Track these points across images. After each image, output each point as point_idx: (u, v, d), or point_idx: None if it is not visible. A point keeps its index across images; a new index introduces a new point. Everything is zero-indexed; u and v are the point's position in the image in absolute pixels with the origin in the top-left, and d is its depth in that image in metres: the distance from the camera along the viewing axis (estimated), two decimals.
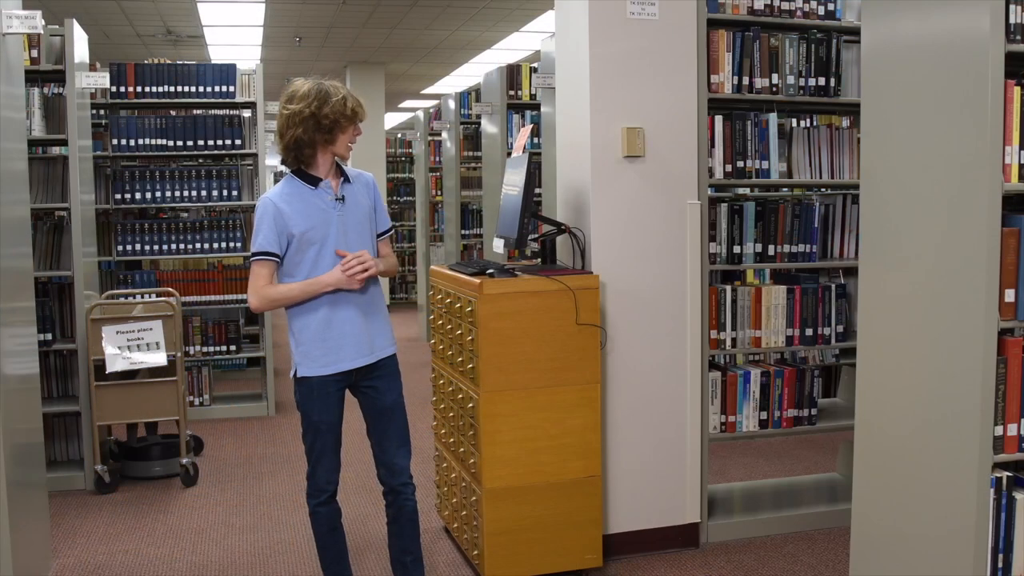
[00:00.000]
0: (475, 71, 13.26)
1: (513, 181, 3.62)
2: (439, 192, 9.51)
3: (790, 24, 3.90)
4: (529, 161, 3.49)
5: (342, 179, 3.02)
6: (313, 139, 2.92)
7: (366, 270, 2.92)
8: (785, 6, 3.87)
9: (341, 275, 2.91)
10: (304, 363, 2.99)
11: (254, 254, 2.94)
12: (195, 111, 6.38)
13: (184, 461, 4.79)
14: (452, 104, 8.28)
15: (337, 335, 2.97)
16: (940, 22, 2.36)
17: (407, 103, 18.18)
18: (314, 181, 2.98)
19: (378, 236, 3.12)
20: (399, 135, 13.15)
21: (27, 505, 3.43)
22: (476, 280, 3.33)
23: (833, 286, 3.95)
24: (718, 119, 3.78)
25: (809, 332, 3.92)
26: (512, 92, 6.87)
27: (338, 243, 2.96)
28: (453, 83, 14.89)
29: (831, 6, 3.96)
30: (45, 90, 4.88)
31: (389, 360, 3.09)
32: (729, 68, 3.78)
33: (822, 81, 3.93)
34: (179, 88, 5.95)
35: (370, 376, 3.04)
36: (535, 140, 6.40)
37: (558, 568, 3.47)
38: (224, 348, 6.17)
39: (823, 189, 4.34)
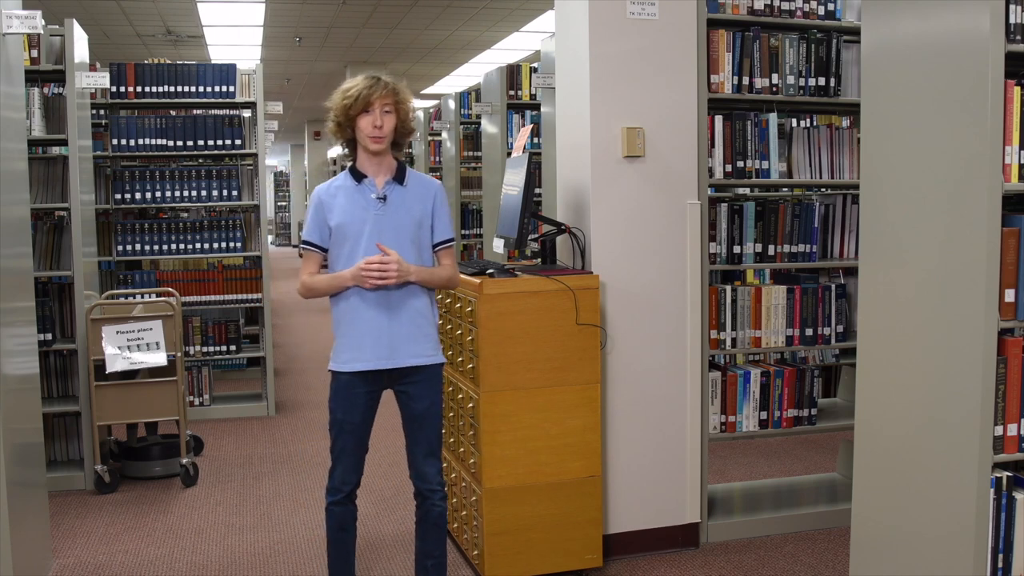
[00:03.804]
0: (475, 71, 13.26)
1: (513, 181, 3.62)
2: None
3: (790, 24, 3.90)
4: (529, 161, 3.49)
5: (391, 179, 2.99)
6: (342, 135, 2.99)
7: (384, 277, 2.87)
8: (785, 6, 3.87)
9: (357, 271, 2.90)
10: (333, 357, 3.02)
11: (301, 242, 3.06)
12: (195, 111, 6.38)
13: (184, 461, 4.79)
14: (452, 104, 8.28)
15: (359, 334, 2.96)
16: (940, 22, 2.36)
17: None
18: (359, 177, 2.99)
19: (435, 247, 3.06)
20: None
21: (27, 505, 3.43)
22: (476, 280, 3.33)
23: (833, 286, 3.95)
24: (718, 119, 3.78)
25: (809, 332, 3.92)
26: (512, 92, 6.86)
27: (371, 242, 2.93)
28: (453, 83, 14.90)
29: (831, 6, 3.96)
30: (45, 90, 4.88)
31: (424, 369, 3.01)
32: (729, 68, 3.78)
33: (822, 81, 3.94)
34: (179, 88, 5.95)
35: (402, 381, 3.01)
36: (535, 140, 6.40)
37: (558, 568, 3.46)
38: (224, 348, 6.16)
39: (823, 189, 4.34)
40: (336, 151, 22.63)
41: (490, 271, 3.40)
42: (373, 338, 2.95)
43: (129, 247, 5.96)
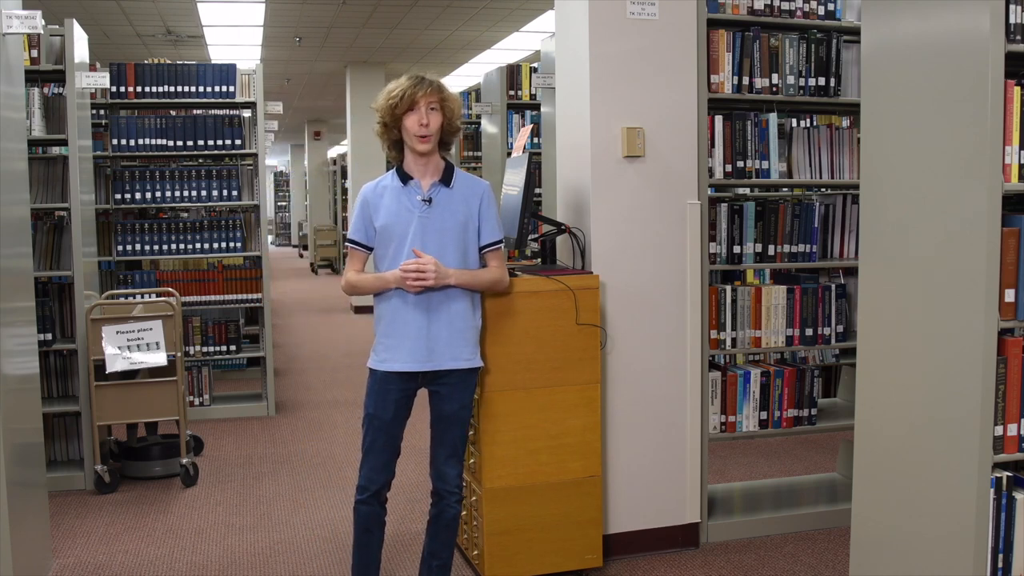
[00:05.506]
0: (475, 71, 13.25)
1: (513, 181, 3.62)
2: None
3: (790, 24, 3.90)
4: (529, 161, 3.49)
5: (437, 181, 2.99)
6: (388, 136, 2.99)
7: (423, 279, 2.87)
8: (785, 6, 3.87)
9: (398, 274, 2.91)
10: (372, 354, 3.03)
11: (347, 240, 3.07)
12: (195, 111, 6.38)
13: (184, 461, 4.79)
14: None
15: (397, 334, 2.97)
16: (940, 22, 2.36)
17: None
18: (405, 178, 2.99)
19: (482, 249, 3.07)
20: None
21: (27, 505, 3.43)
22: None
23: (833, 286, 3.95)
24: (718, 119, 3.78)
25: (809, 332, 3.92)
26: (512, 92, 6.86)
27: (414, 244, 2.94)
28: (453, 83, 14.89)
29: (831, 6, 3.96)
30: (45, 90, 4.88)
31: (458, 372, 3.02)
32: (729, 68, 3.78)
33: (822, 81, 3.94)
34: (179, 88, 5.95)
35: (436, 381, 3.02)
36: (535, 140, 6.40)
37: (558, 568, 3.47)
38: (224, 348, 6.16)
39: (823, 189, 4.34)
40: (336, 151, 22.63)
41: None
42: (412, 339, 2.96)
43: (129, 247, 5.96)
